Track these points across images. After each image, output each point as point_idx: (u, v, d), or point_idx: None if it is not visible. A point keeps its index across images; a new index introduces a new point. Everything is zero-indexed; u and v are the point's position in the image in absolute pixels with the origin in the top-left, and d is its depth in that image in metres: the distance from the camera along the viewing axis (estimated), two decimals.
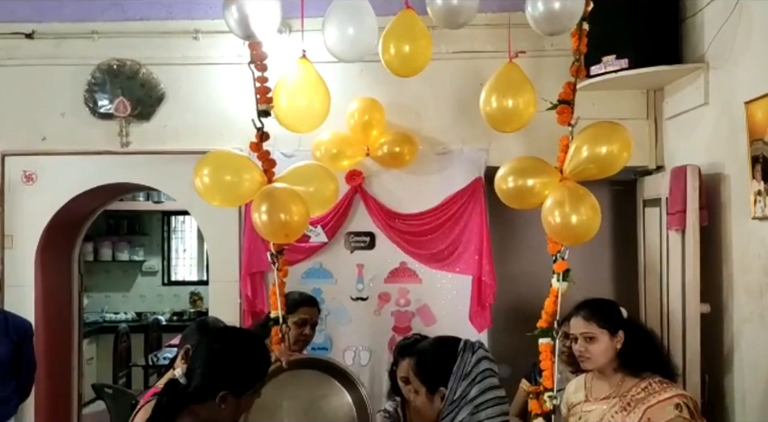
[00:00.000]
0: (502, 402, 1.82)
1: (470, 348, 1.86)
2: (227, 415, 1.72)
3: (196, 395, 1.70)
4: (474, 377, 1.80)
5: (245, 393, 1.74)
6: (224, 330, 1.88)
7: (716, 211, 3.04)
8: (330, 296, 3.72)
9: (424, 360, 1.91)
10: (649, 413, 2.22)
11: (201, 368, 1.72)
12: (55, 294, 3.92)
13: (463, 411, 1.78)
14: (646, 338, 2.41)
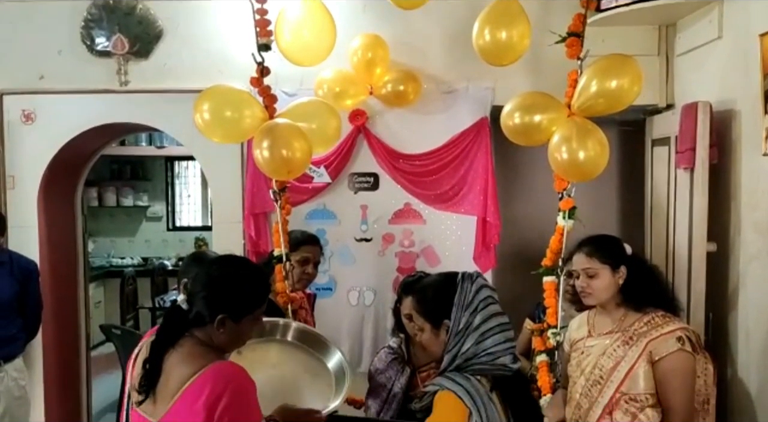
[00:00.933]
0: (506, 329, 1.82)
1: (469, 278, 1.86)
2: (226, 340, 1.73)
3: (196, 320, 1.72)
4: (476, 306, 1.80)
5: (244, 318, 1.75)
6: (222, 257, 1.88)
7: (726, 149, 2.99)
8: (334, 237, 3.71)
9: (426, 296, 1.92)
10: (651, 346, 2.23)
11: (201, 293, 1.72)
12: (59, 236, 3.92)
13: (469, 340, 1.79)
14: (649, 273, 2.40)
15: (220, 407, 1.56)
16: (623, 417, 2.25)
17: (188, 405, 1.58)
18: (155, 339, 1.72)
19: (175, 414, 1.60)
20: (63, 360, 3.93)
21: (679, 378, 2.21)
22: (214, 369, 1.62)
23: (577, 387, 2.39)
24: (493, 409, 1.73)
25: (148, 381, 1.67)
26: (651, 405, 2.25)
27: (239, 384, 1.63)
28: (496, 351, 1.78)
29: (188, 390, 1.60)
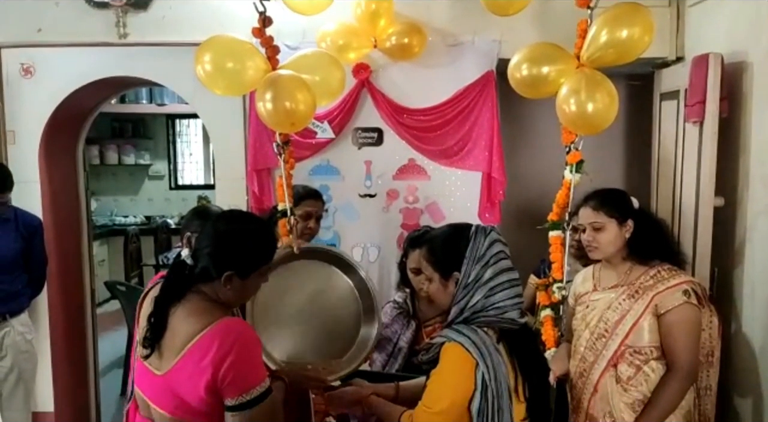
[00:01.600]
0: (515, 285, 1.80)
1: (482, 231, 1.82)
2: (232, 296, 1.73)
3: (202, 275, 1.70)
4: (488, 260, 1.78)
5: (251, 275, 1.73)
6: (228, 212, 1.85)
7: (737, 102, 2.94)
8: (338, 193, 3.68)
9: (436, 246, 1.88)
10: (657, 299, 2.23)
11: (207, 248, 1.70)
12: (61, 193, 3.90)
13: (478, 293, 1.77)
14: (655, 227, 2.38)
15: (225, 364, 1.56)
16: (627, 370, 2.26)
17: (195, 362, 1.58)
18: (159, 294, 1.70)
19: (181, 370, 1.60)
20: (68, 316, 3.95)
21: (685, 330, 2.21)
22: (221, 327, 1.61)
23: (582, 341, 2.40)
24: (500, 361, 1.73)
25: (152, 336, 1.66)
26: (655, 358, 2.25)
27: (245, 342, 1.62)
28: (504, 305, 1.77)
29: (195, 346, 1.60)
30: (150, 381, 1.69)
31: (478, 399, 1.70)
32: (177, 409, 1.64)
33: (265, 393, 1.62)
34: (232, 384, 1.58)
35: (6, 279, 3.31)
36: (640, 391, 2.24)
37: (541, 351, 1.92)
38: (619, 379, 2.27)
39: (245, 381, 1.59)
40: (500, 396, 1.70)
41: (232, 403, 1.59)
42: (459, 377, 1.72)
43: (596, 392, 2.31)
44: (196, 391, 1.59)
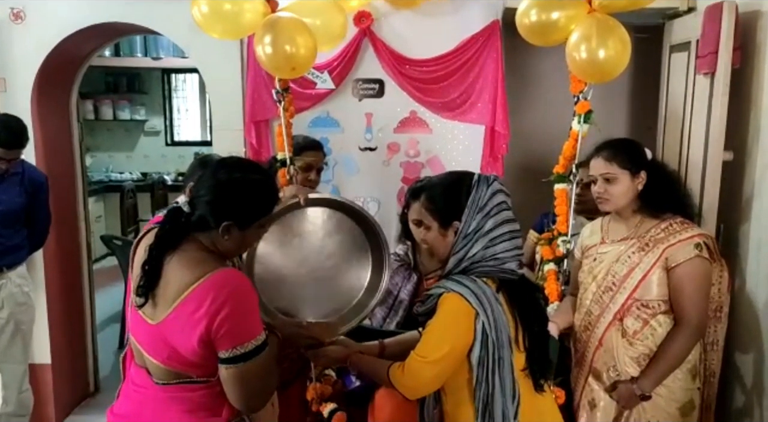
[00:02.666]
0: (516, 236, 1.76)
1: (485, 180, 1.77)
2: (231, 246, 1.67)
3: (199, 224, 1.63)
4: (489, 210, 1.73)
5: (250, 226, 1.67)
6: (229, 159, 1.76)
7: (749, 53, 2.85)
8: (337, 146, 3.60)
9: (436, 194, 1.83)
10: (668, 252, 2.18)
11: (205, 196, 1.63)
12: (55, 145, 3.81)
13: (478, 244, 1.72)
14: (668, 179, 2.32)
15: (220, 316, 1.51)
16: (634, 323, 2.23)
17: (189, 313, 1.53)
18: (154, 242, 1.63)
19: (175, 321, 1.56)
20: (65, 271, 3.91)
21: (695, 284, 2.17)
22: (217, 278, 1.56)
23: (588, 294, 2.36)
24: (500, 310, 1.69)
25: (146, 285, 1.60)
26: (663, 312, 2.22)
27: (241, 294, 1.57)
28: (503, 257, 1.73)
29: (189, 297, 1.54)
30: (144, 330, 1.64)
31: (478, 349, 1.67)
32: (170, 359, 1.60)
33: (260, 348, 1.58)
34: (226, 337, 1.53)
35: (6, 232, 3.25)
36: (646, 345, 2.21)
37: (539, 301, 1.86)
38: (625, 333, 2.24)
39: (240, 334, 1.55)
40: (501, 346, 1.67)
41: (225, 355, 1.55)
42: (458, 327, 1.69)
43: (601, 346, 2.28)
44: (189, 343, 1.55)
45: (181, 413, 1.63)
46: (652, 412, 2.23)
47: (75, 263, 4.07)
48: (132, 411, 1.69)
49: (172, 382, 1.63)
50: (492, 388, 1.67)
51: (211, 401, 1.63)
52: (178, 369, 1.61)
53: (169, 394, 1.63)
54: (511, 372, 1.70)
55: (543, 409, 1.81)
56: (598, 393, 2.33)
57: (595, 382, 2.33)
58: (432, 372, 1.71)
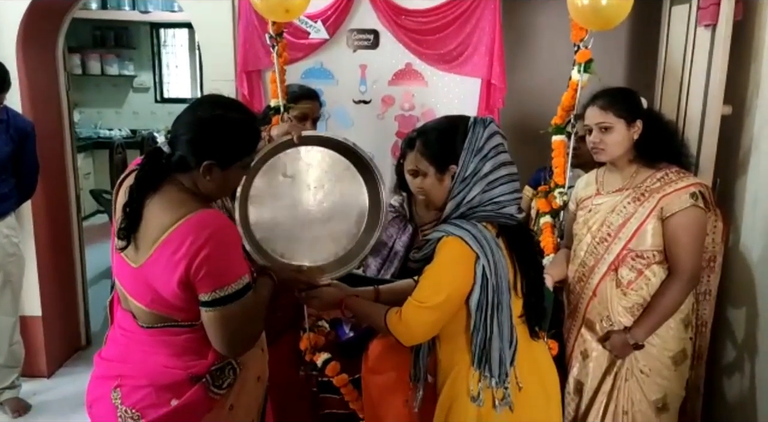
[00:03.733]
0: (515, 179, 1.73)
1: (481, 122, 1.73)
2: (212, 187, 1.62)
3: (179, 164, 1.59)
4: (486, 152, 1.69)
5: (232, 166, 1.62)
6: (210, 97, 1.70)
7: (752, 5, 2.79)
8: (331, 98, 3.52)
9: (431, 138, 1.78)
10: (663, 202, 2.16)
11: (185, 135, 1.58)
12: (42, 99, 3.72)
13: (476, 187, 1.69)
14: (664, 128, 2.29)
15: (199, 258, 1.47)
16: (628, 274, 2.23)
17: (168, 254, 1.50)
18: (134, 184, 1.59)
19: (155, 263, 1.52)
20: (54, 225, 3.86)
21: (690, 234, 2.16)
22: (197, 218, 1.51)
23: (583, 245, 2.35)
24: (500, 255, 1.67)
25: (127, 227, 1.56)
26: (657, 262, 2.21)
27: (222, 236, 1.52)
28: (503, 200, 1.70)
29: (169, 238, 1.50)
30: (127, 274, 1.61)
31: (478, 293, 1.65)
32: (153, 303, 1.58)
33: (241, 291, 1.54)
34: (205, 279, 1.49)
35: None
36: (640, 295, 2.21)
37: (536, 247, 1.84)
38: (620, 283, 2.23)
39: (220, 276, 1.51)
40: (500, 292, 1.65)
41: (205, 298, 1.51)
42: (458, 271, 1.66)
43: (595, 296, 2.28)
44: (169, 285, 1.52)
45: (166, 356, 1.61)
46: (645, 361, 2.23)
47: (64, 216, 4.02)
48: (118, 355, 1.67)
49: (156, 326, 1.60)
50: (490, 333, 1.66)
51: (197, 345, 1.61)
52: (162, 313, 1.59)
53: (154, 338, 1.61)
54: (510, 317, 1.68)
55: (538, 356, 1.81)
56: (591, 343, 2.34)
57: (588, 333, 2.34)
58: (430, 318, 1.69)
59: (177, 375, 1.59)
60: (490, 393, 1.70)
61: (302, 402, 2.63)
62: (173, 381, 1.59)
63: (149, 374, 1.60)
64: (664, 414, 2.27)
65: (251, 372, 1.74)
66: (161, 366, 1.60)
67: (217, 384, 1.63)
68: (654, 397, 2.25)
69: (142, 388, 1.59)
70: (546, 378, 1.81)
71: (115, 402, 1.60)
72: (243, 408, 1.72)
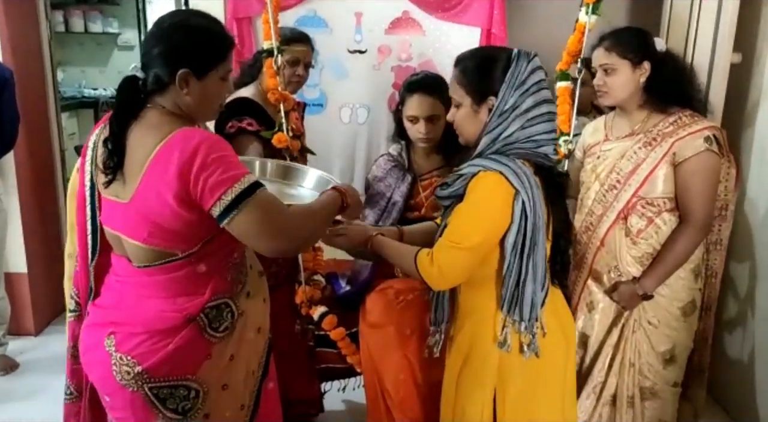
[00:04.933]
0: (553, 119, 1.64)
1: (525, 56, 1.63)
2: (192, 102, 1.52)
3: (156, 85, 1.50)
4: (529, 87, 1.60)
5: (208, 73, 1.53)
6: (171, 11, 1.62)
7: None
8: (325, 48, 3.40)
9: (470, 67, 1.67)
10: (676, 146, 2.08)
11: (154, 49, 1.49)
12: (24, 56, 3.56)
13: (515, 123, 1.60)
14: (678, 71, 2.19)
15: (194, 169, 1.38)
16: (638, 222, 2.15)
17: (158, 176, 1.41)
18: (113, 114, 1.50)
19: (147, 189, 1.43)
20: (38, 181, 3.74)
21: (703, 180, 2.08)
22: (181, 134, 1.43)
23: (590, 194, 2.26)
24: (538, 194, 1.59)
25: (112, 161, 1.48)
26: (668, 210, 2.14)
27: (211, 142, 1.43)
28: (541, 139, 1.61)
29: (155, 159, 1.42)
30: (118, 214, 1.52)
31: (514, 233, 1.56)
32: (151, 236, 1.48)
33: (252, 187, 1.42)
34: (208, 189, 1.39)
35: None
36: (650, 244, 2.14)
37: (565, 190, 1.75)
38: (629, 232, 2.15)
39: (221, 179, 1.39)
40: (537, 230, 1.57)
41: (218, 211, 1.41)
42: (496, 208, 1.56)
43: (603, 246, 2.20)
44: (166, 207, 1.42)
45: (162, 299, 1.52)
46: (653, 312, 2.17)
47: (49, 174, 3.89)
48: (112, 302, 1.59)
49: (153, 264, 1.51)
50: (525, 275, 1.58)
51: (195, 281, 1.52)
52: (160, 247, 1.50)
53: (151, 278, 1.52)
54: (544, 258, 1.61)
55: (557, 301, 1.74)
56: (597, 295, 2.27)
57: (595, 284, 2.27)
58: (466, 260, 1.59)
59: (173, 319, 1.51)
60: (516, 339, 1.63)
61: (299, 357, 2.56)
62: (169, 326, 1.51)
63: (144, 319, 1.52)
64: (671, 365, 2.22)
65: (251, 321, 1.65)
66: (157, 311, 1.52)
67: (214, 325, 1.55)
68: (662, 348, 2.19)
69: (136, 335, 1.51)
70: (565, 324, 1.75)
71: (109, 350, 1.52)
72: (244, 359, 1.64)
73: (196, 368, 1.53)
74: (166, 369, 1.50)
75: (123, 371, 1.50)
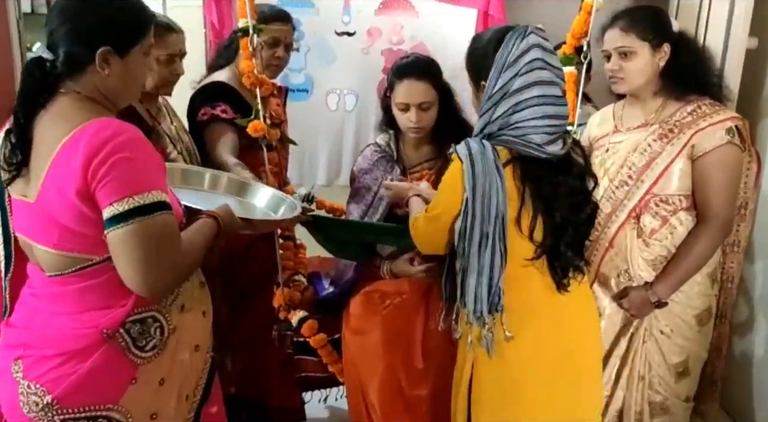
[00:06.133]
0: (548, 102, 1.47)
1: (520, 33, 1.49)
2: (114, 84, 1.33)
3: (68, 66, 1.29)
4: (519, 68, 1.46)
5: (131, 50, 1.33)
6: None
7: None
8: (311, 29, 3.18)
9: (470, 49, 1.65)
10: (695, 139, 1.88)
11: (65, 26, 1.29)
12: None
13: (501, 106, 1.48)
14: (696, 54, 2.00)
15: (96, 159, 1.19)
16: (652, 222, 1.96)
17: (62, 170, 1.22)
18: (17, 103, 1.30)
19: (51, 184, 1.24)
20: None
21: (724, 175, 1.90)
22: (95, 124, 1.24)
23: (598, 190, 2.05)
24: (496, 183, 1.46)
25: (15, 154, 1.28)
26: (684, 208, 1.95)
27: (127, 140, 1.23)
28: (526, 126, 1.47)
29: (61, 152, 1.23)
30: (26, 216, 1.33)
31: (461, 218, 1.52)
32: (62, 240, 1.27)
33: (153, 206, 1.22)
34: (104, 186, 1.20)
35: None
36: (664, 246, 1.95)
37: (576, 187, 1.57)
38: (641, 232, 1.97)
39: (123, 183, 1.21)
40: (488, 221, 1.48)
41: (107, 213, 1.21)
42: (451, 188, 1.55)
43: (611, 247, 2.01)
44: (70, 206, 1.23)
45: (75, 315, 1.31)
46: (666, 321, 1.99)
47: None
48: (22, 320, 1.38)
49: (67, 272, 1.30)
50: (467, 264, 1.52)
51: (114, 290, 1.30)
52: (72, 253, 1.28)
53: (63, 288, 1.31)
54: (499, 254, 1.49)
55: (561, 311, 1.59)
56: (603, 301, 2.08)
57: (601, 289, 2.07)
58: (428, 227, 1.64)
59: (87, 337, 1.29)
60: (474, 332, 1.58)
61: (274, 365, 2.42)
62: (83, 346, 1.29)
63: (54, 340, 1.31)
64: (684, 379, 2.04)
65: (186, 338, 1.42)
66: (68, 329, 1.30)
67: (139, 344, 1.33)
68: (674, 360, 2.02)
69: (48, 359, 1.29)
70: (569, 340, 1.61)
71: (16, 377, 1.30)
72: (177, 382, 1.41)
73: (118, 395, 1.31)
74: (81, 398, 1.28)
75: (31, 401, 1.28)
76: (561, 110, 1.50)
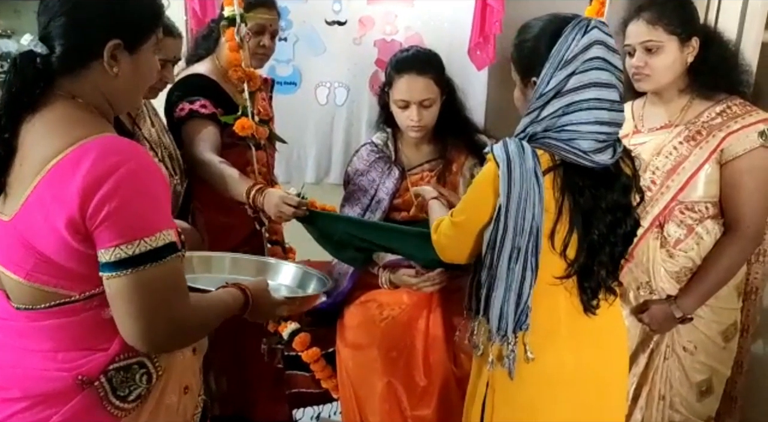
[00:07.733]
0: (602, 107, 1.33)
1: (582, 26, 1.34)
2: (122, 86, 1.15)
3: (66, 62, 1.10)
4: (576, 66, 1.32)
5: (141, 46, 1.15)
6: None
7: None
8: (299, 18, 3.02)
9: (519, 38, 1.48)
10: (728, 141, 1.75)
11: (67, 14, 1.09)
12: None
13: (549, 107, 1.34)
14: (725, 49, 1.86)
15: (101, 192, 1.01)
16: (677, 231, 1.82)
17: (53, 192, 1.04)
18: (3, 104, 1.10)
19: (35, 206, 1.06)
20: None
21: (756, 181, 1.76)
22: (100, 142, 1.06)
23: None
24: (533, 191, 1.33)
25: None
26: (711, 216, 1.82)
27: (143, 165, 1.06)
28: (574, 130, 1.33)
29: (57, 167, 1.05)
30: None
31: (492, 227, 1.39)
32: (36, 270, 1.08)
33: (161, 250, 1.06)
34: (106, 226, 1.03)
35: None
36: (690, 257, 1.81)
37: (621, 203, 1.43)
38: (665, 242, 1.83)
39: (128, 223, 1.04)
40: (522, 234, 1.35)
41: (106, 257, 1.04)
42: (481, 193, 1.42)
43: (631, 258, 1.86)
44: (55, 236, 1.04)
45: (48, 354, 1.12)
46: (689, 337, 1.86)
47: None
48: None
49: (39, 307, 1.11)
50: (495, 278, 1.40)
51: (96, 331, 1.12)
52: (48, 286, 1.10)
53: (35, 324, 1.12)
54: (531, 269, 1.37)
55: (587, 334, 1.46)
56: None
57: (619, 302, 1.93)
58: (451, 232, 1.50)
59: (59, 381, 1.11)
60: (495, 349, 1.46)
61: (262, 382, 2.30)
62: (54, 390, 1.11)
63: (23, 381, 1.12)
64: (707, 398, 1.91)
65: (174, 381, 1.24)
66: (38, 369, 1.12)
67: (121, 393, 1.14)
68: (698, 378, 1.89)
69: (13, 402, 1.11)
70: (593, 365, 1.47)
71: None
72: None
73: None
74: None
75: None
76: (616, 117, 1.35)
